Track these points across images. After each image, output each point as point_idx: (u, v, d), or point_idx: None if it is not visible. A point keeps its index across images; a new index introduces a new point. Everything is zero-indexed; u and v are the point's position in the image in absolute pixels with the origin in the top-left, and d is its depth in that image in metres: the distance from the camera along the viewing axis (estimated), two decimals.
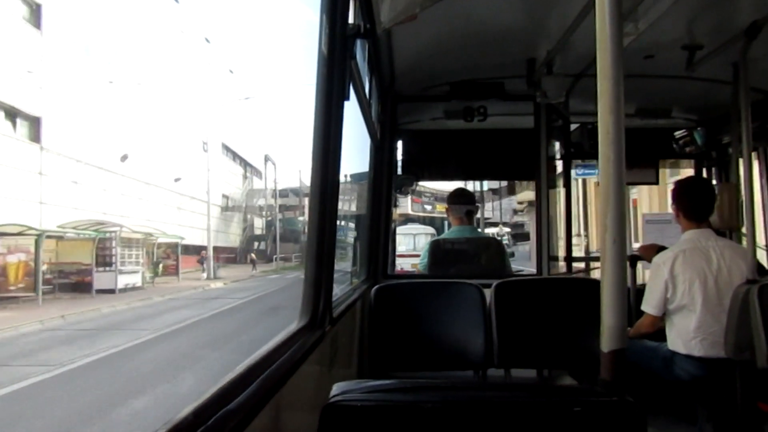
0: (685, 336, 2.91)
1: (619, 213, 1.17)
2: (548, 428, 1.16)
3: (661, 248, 3.26)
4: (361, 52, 2.55)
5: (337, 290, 2.34)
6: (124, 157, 28.04)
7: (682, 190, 3.16)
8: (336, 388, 1.18)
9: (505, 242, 25.15)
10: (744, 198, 3.42)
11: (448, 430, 1.16)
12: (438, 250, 4.26)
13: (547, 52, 3.41)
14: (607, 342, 1.17)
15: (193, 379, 8.11)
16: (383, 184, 3.89)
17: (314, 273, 1.88)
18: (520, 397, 1.23)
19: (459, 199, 4.41)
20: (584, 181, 16.40)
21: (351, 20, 2.12)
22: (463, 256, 4.29)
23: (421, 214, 39.00)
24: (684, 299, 2.91)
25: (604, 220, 1.17)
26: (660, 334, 3.10)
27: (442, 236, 4.92)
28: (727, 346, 2.73)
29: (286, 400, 1.42)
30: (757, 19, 2.80)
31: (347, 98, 2.02)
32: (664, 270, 2.94)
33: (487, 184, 26.84)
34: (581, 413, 1.14)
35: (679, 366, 2.94)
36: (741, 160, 3.40)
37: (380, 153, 3.86)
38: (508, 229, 36.36)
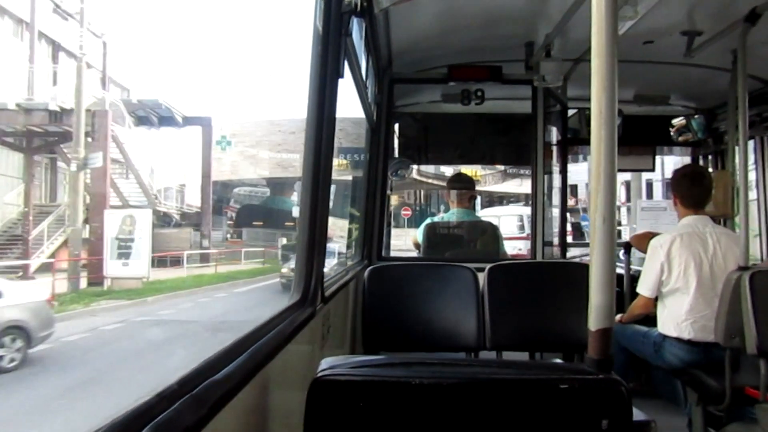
0: (676, 318, 2.95)
1: (610, 193, 1.17)
2: (535, 405, 1.17)
3: (654, 237, 3.27)
4: (357, 31, 2.52)
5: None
6: None
7: (680, 177, 3.16)
8: (324, 363, 1.19)
9: None
10: (739, 187, 3.42)
11: (436, 405, 1.17)
12: (433, 233, 4.27)
13: (546, 36, 3.38)
14: (594, 321, 1.17)
15: None
16: (379, 167, 3.88)
17: (306, 251, 1.88)
18: (507, 374, 1.24)
19: (458, 184, 4.43)
20: None
21: None
22: (459, 239, 4.30)
23: (433, 182, 28.32)
24: (678, 282, 2.95)
25: (595, 200, 1.17)
26: (651, 321, 3.13)
27: (440, 219, 4.91)
28: (717, 332, 2.76)
29: (275, 374, 1.42)
30: (756, 6, 2.77)
31: (341, 76, 2.00)
32: (661, 252, 2.98)
33: None
34: (567, 390, 1.15)
35: (668, 350, 2.97)
36: (737, 149, 3.39)
37: (376, 135, 3.84)
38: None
